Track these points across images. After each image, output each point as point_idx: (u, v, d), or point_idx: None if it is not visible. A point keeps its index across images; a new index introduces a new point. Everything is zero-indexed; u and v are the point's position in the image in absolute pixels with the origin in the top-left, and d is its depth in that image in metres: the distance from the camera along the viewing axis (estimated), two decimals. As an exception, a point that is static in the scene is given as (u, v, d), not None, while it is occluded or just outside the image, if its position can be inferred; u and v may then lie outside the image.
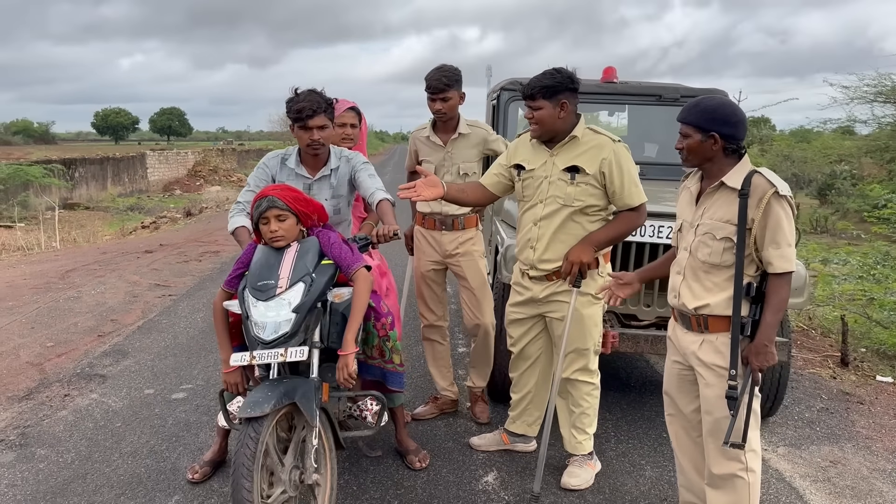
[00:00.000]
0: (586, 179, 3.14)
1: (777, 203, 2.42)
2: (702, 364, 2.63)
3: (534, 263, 3.29)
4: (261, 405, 2.50)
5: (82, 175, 24.60)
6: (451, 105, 3.76)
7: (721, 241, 2.53)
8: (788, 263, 2.43)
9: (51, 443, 3.81)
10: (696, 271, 2.63)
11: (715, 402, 2.59)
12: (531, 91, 3.12)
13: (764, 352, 2.47)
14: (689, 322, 2.67)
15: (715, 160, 2.56)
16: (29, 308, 6.77)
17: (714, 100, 2.56)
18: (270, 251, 2.81)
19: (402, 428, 3.64)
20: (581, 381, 3.40)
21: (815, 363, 5.73)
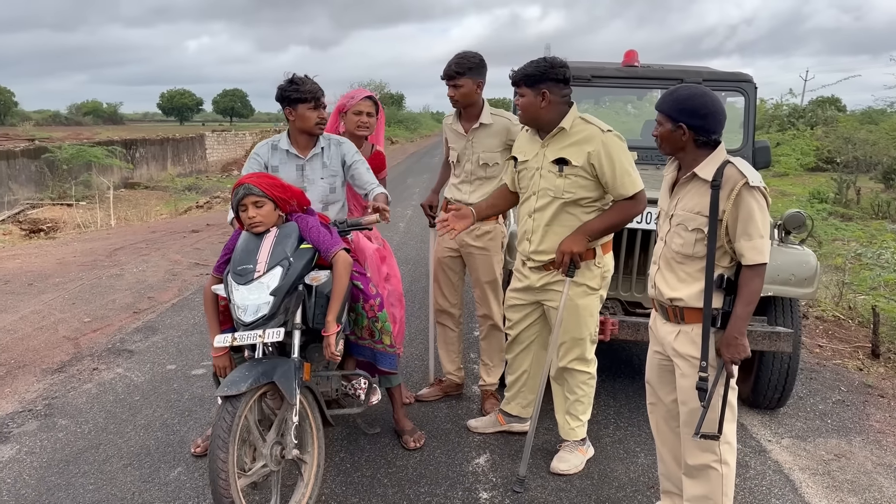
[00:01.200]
0: (575, 171, 3.14)
1: (748, 194, 2.40)
2: (678, 355, 2.64)
3: (529, 255, 3.34)
4: (237, 384, 2.63)
5: (143, 155, 25.41)
6: (462, 93, 3.75)
7: (693, 231, 2.52)
8: (760, 255, 2.42)
9: (72, 414, 4.03)
10: (670, 262, 2.63)
11: (689, 393, 2.60)
12: (515, 78, 3.17)
13: (734, 343, 2.46)
14: (667, 312, 2.68)
15: (687, 150, 2.55)
16: (73, 285, 7.11)
17: (688, 90, 2.53)
18: (251, 237, 2.92)
19: (399, 408, 3.73)
20: (577, 370, 3.42)
21: (844, 354, 5.59)
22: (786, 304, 4.00)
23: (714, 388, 2.52)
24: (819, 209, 12.04)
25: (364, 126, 3.80)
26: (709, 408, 2.51)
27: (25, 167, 18.94)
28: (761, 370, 4.08)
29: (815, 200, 14.22)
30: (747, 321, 2.48)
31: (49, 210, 17.10)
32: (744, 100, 5.05)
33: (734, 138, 5.32)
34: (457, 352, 4.28)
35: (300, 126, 3.43)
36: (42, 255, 8.94)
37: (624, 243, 4.00)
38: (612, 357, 5.12)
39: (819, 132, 21.77)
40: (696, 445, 2.66)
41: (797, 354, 4.00)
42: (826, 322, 6.45)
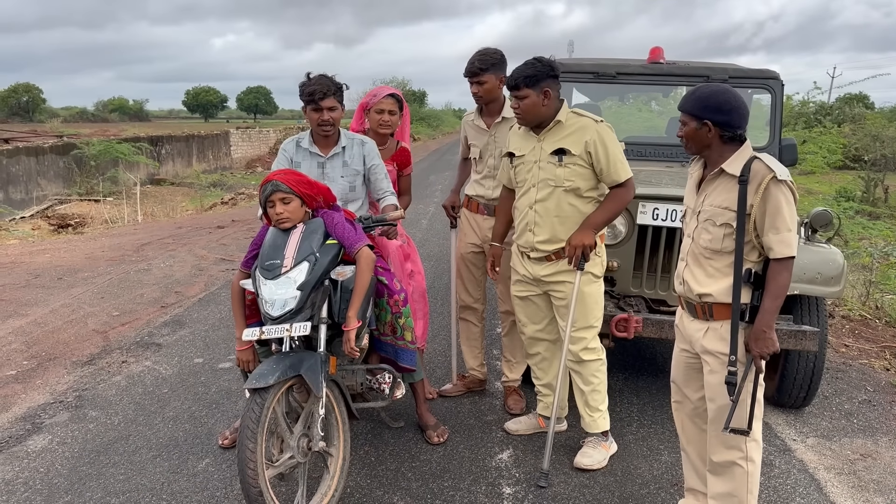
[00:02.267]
0: (573, 160, 3.27)
1: (776, 188, 2.43)
2: (706, 351, 2.65)
3: (534, 245, 3.40)
4: (265, 377, 2.67)
5: (168, 152, 25.70)
6: (486, 89, 3.79)
7: (721, 227, 2.55)
8: (789, 248, 2.44)
9: (102, 405, 4.11)
10: (699, 258, 2.65)
11: (717, 389, 2.62)
12: (515, 81, 3.25)
13: (763, 338, 2.48)
14: (695, 310, 2.69)
15: (713, 147, 2.58)
16: (102, 279, 7.23)
17: (709, 87, 2.58)
18: (278, 233, 2.97)
19: (421, 403, 3.76)
20: (588, 359, 3.46)
21: (871, 354, 5.54)
22: (812, 302, 3.97)
23: (743, 383, 2.53)
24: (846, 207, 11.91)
25: (386, 125, 3.84)
26: (738, 403, 2.53)
27: (54, 163, 19.25)
28: (787, 369, 4.06)
29: (841, 199, 14.06)
30: (775, 315, 2.50)
31: (77, 206, 17.38)
32: (770, 97, 5.01)
33: (761, 135, 5.29)
34: (479, 347, 4.31)
35: (311, 126, 3.51)
36: (71, 250, 9.10)
37: (649, 241, 4.00)
38: (636, 355, 5.11)
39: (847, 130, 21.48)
40: (722, 442, 2.67)
41: (823, 353, 3.97)
42: (853, 321, 6.38)
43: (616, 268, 4.07)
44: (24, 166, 18.13)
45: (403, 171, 3.98)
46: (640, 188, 4.06)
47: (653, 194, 3.96)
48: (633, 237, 4.03)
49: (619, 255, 4.07)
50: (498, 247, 3.70)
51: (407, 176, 4.02)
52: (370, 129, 3.87)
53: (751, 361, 2.53)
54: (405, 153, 4.00)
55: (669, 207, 3.92)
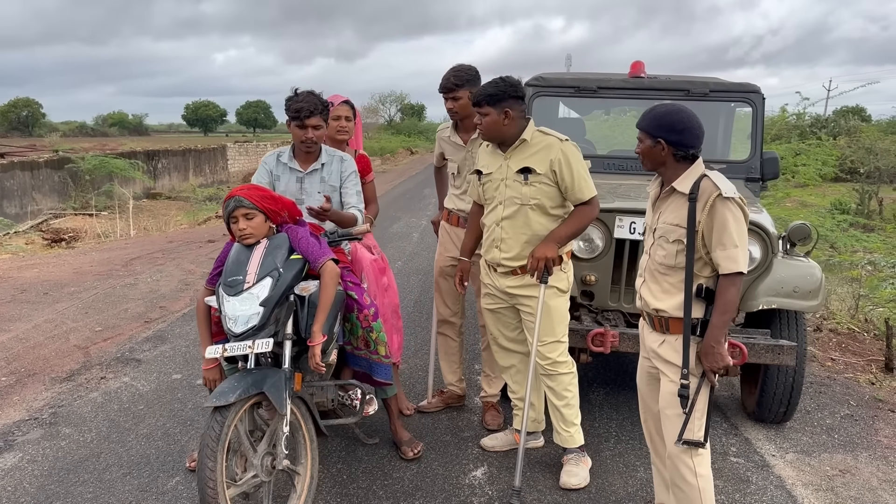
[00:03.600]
0: (538, 179, 3.29)
1: (722, 205, 2.46)
2: (663, 362, 2.68)
3: (500, 261, 3.41)
4: (226, 395, 2.64)
5: (165, 166, 25.70)
6: (461, 104, 3.81)
7: (673, 243, 2.58)
8: (735, 264, 2.46)
9: (76, 422, 4.08)
10: (654, 273, 2.68)
11: (670, 399, 2.63)
12: (477, 99, 3.29)
13: (712, 353, 2.50)
14: (653, 322, 2.71)
15: (668, 165, 2.62)
16: (87, 294, 7.20)
17: (665, 107, 2.62)
18: (242, 248, 2.95)
19: (395, 418, 3.73)
20: (559, 373, 3.44)
21: (857, 367, 5.50)
22: (790, 316, 3.94)
23: (696, 395, 2.55)
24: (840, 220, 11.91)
25: (343, 130, 3.87)
26: (691, 415, 2.55)
27: (49, 177, 19.24)
28: (766, 384, 4.02)
29: (836, 211, 14.04)
30: (724, 330, 2.51)
31: (71, 220, 17.36)
32: (751, 110, 5.01)
33: (742, 149, 5.29)
34: (458, 362, 4.28)
35: (294, 141, 3.50)
36: (60, 265, 9.08)
37: (626, 254, 3.98)
38: (617, 370, 5.08)
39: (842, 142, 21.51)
40: (672, 456, 2.67)
41: (802, 368, 3.94)
42: (840, 335, 6.35)
43: (594, 282, 4.06)
44: (18, 181, 18.13)
45: (366, 178, 3.97)
46: (618, 202, 4.06)
47: (629, 208, 3.95)
48: (611, 251, 4.02)
49: (597, 269, 4.06)
50: (467, 261, 3.70)
51: (370, 183, 4.02)
52: (327, 137, 3.86)
53: (703, 375, 2.56)
54: (364, 160, 4.00)
55: (646, 221, 3.91)
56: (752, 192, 4.75)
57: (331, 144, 3.76)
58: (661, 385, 2.69)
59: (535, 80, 5.19)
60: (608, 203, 4.02)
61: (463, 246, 3.74)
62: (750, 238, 3.84)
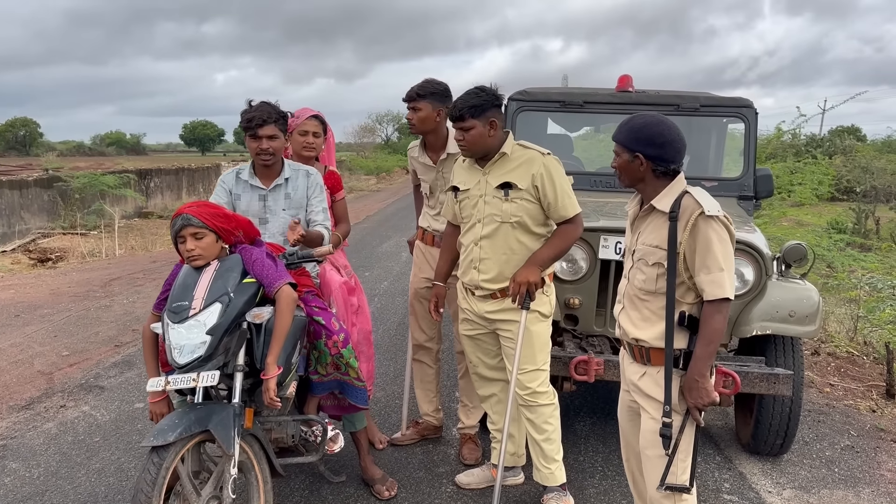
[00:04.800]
0: (520, 195, 3.07)
1: (705, 224, 2.23)
2: (643, 396, 2.43)
3: (478, 283, 3.17)
4: (164, 434, 2.40)
5: (157, 185, 25.48)
6: (420, 117, 3.57)
7: (653, 266, 2.35)
8: (721, 289, 2.23)
9: (25, 456, 3.81)
10: (634, 299, 2.45)
11: (650, 438, 2.38)
12: (460, 112, 3.04)
13: (696, 388, 2.26)
14: (633, 352, 2.47)
15: (646, 181, 2.39)
16: (60, 316, 6.95)
17: (643, 118, 2.38)
18: (190, 271, 2.71)
19: (365, 454, 3.47)
20: (539, 403, 3.19)
21: (857, 393, 5.26)
22: (786, 343, 3.71)
23: (680, 435, 2.30)
24: (837, 239, 11.71)
25: (310, 147, 3.62)
26: (674, 457, 2.30)
27: (38, 196, 19.01)
28: (761, 414, 3.78)
29: (833, 230, 13.87)
30: (709, 362, 2.27)
31: (59, 239, 17.11)
32: (744, 126, 4.81)
33: (734, 166, 5.08)
34: (434, 391, 4.03)
35: (251, 154, 3.27)
36: (38, 286, 8.83)
37: (612, 276, 3.75)
38: (606, 398, 4.82)
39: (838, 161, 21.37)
40: (656, 500, 2.41)
41: (799, 398, 3.70)
42: (839, 358, 6.11)
43: (578, 305, 3.83)
44: (6, 200, 17.89)
45: (336, 196, 3.74)
46: (603, 221, 3.85)
47: (615, 227, 3.74)
48: (596, 272, 3.80)
49: (582, 292, 3.83)
50: (441, 286, 3.45)
51: (341, 201, 3.78)
52: (293, 153, 3.64)
53: (687, 412, 2.31)
54: (335, 177, 3.77)
55: (633, 241, 3.69)
56: (745, 211, 4.54)
57: (296, 161, 3.53)
58: (642, 422, 2.44)
59: (519, 94, 4.99)
60: (593, 222, 3.81)
61: (437, 270, 3.49)
62: (743, 259, 3.62)
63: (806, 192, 13.51)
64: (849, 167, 20.61)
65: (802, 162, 14.40)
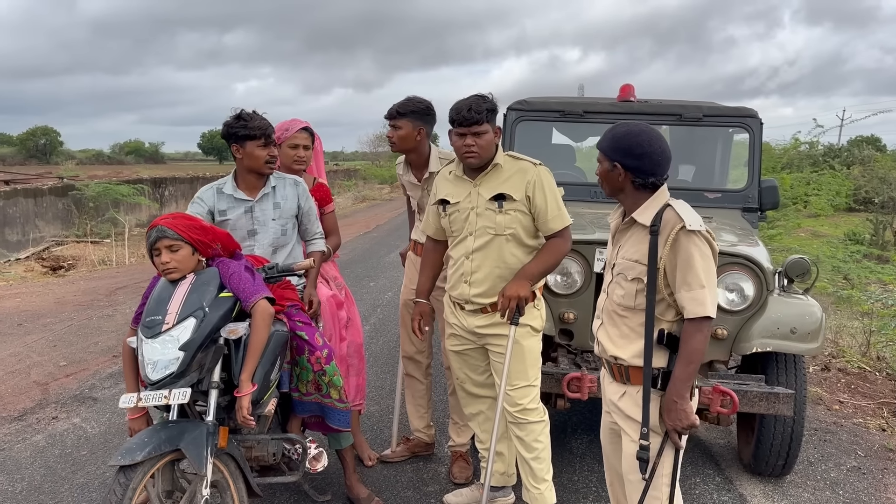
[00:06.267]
0: (514, 206, 2.97)
1: (686, 239, 2.16)
2: (623, 417, 2.36)
3: (469, 298, 3.08)
4: (132, 453, 2.33)
5: (172, 193, 25.61)
6: (400, 135, 3.49)
7: (633, 282, 2.28)
8: (701, 307, 2.15)
9: (10, 470, 3.77)
10: (613, 315, 2.36)
11: (630, 462, 2.30)
12: (477, 116, 2.90)
13: (674, 409, 2.17)
14: (612, 370, 2.38)
15: (626, 192, 2.32)
16: (61, 325, 6.93)
17: (624, 127, 2.30)
18: (166, 284, 2.65)
19: (351, 472, 3.39)
20: (529, 420, 3.08)
21: (867, 411, 5.10)
22: (788, 360, 3.59)
23: (658, 458, 2.21)
24: (853, 251, 11.53)
25: (301, 160, 3.55)
26: (651, 482, 2.21)
27: (52, 205, 19.15)
28: (762, 434, 3.65)
29: (850, 241, 13.65)
30: (689, 383, 2.18)
31: (73, 247, 17.21)
32: (748, 136, 4.70)
33: (739, 177, 4.97)
34: (426, 406, 3.94)
35: (248, 165, 3.19)
36: (43, 294, 8.84)
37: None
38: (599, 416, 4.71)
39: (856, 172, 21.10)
40: None
41: (802, 417, 3.58)
42: (849, 374, 5.94)
43: (573, 319, 3.73)
44: (21, 208, 18.03)
45: (325, 208, 3.67)
46: (599, 233, 3.74)
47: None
48: (591, 286, 3.70)
49: (577, 306, 3.73)
50: (425, 303, 3.34)
51: (330, 213, 3.71)
52: (282, 166, 3.57)
53: (666, 435, 2.22)
54: (324, 189, 3.70)
55: (629, 255, 3.59)
56: (749, 223, 4.42)
57: (285, 173, 3.46)
58: (623, 445, 2.35)
59: (519, 104, 4.91)
60: (588, 234, 3.72)
61: (419, 287, 3.38)
62: (743, 274, 3.52)
63: (822, 202, 13.33)
64: (867, 178, 20.33)
65: (818, 173, 14.19)
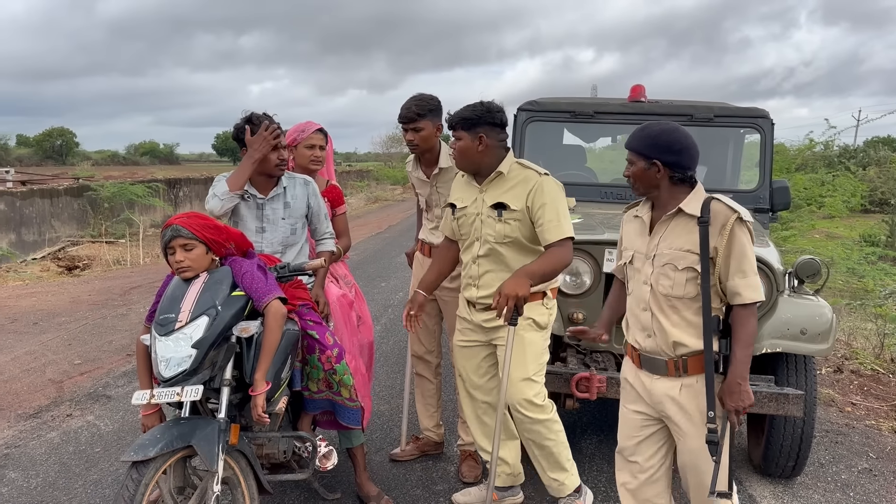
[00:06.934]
0: (513, 216, 3.00)
1: (740, 229, 2.29)
2: (680, 411, 2.38)
3: (476, 301, 3.13)
4: (145, 449, 2.36)
5: (186, 194, 25.76)
6: (423, 136, 3.51)
7: (684, 271, 2.35)
8: (757, 293, 2.29)
9: (26, 466, 3.82)
10: (662, 306, 2.41)
11: (701, 454, 2.35)
12: (452, 122, 3.04)
13: (737, 391, 2.27)
14: (665, 366, 2.41)
15: (662, 188, 2.40)
16: (76, 324, 7.01)
17: (658, 126, 2.40)
18: (179, 283, 2.68)
19: (361, 471, 3.41)
20: (534, 417, 3.06)
21: (880, 413, 5.07)
22: (798, 361, 3.58)
23: (723, 440, 2.30)
24: (868, 252, 11.46)
25: (317, 160, 3.60)
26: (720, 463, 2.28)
27: (68, 205, 19.32)
28: (772, 435, 3.64)
29: (865, 243, 13.55)
30: (748, 365, 2.29)
31: (88, 247, 17.37)
32: (759, 137, 4.69)
33: (751, 178, 4.96)
34: (435, 406, 3.96)
35: (259, 168, 3.21)
36: (59, 293, 8.94)
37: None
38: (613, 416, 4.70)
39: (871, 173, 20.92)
40: None
41: (812, 418, 3.57)
42: (863, 376, 5.91)
43: (582, 320, 3.74)
44: (37, 208, 18.21)
45: (337, 210, 3.70)
46: (608, 234, 3.75)
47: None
48: (600, 287, 3.71)
49: (586, 307, 3.74)
50: (422, 294, 3.31)
51: (341, 216, 3.74)
52: (297, 167, 3.60)
53: (726, 417, 2.31)
54: (336, 191, 3.73)
55: (639, 255, 3.59)
56: (760, 224, 4.41)
57: (302, 174, 3.50)
58: (684, 440, 2.39)
59: (529, 104, 4.93)
60: (598, 234, 3.73)
61: (424, 279, 3.38)
62: None
63: (836, 203, 13.24)
64: (883, 178, 20.17)
65: (832, 174, 14.09)
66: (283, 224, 3.30)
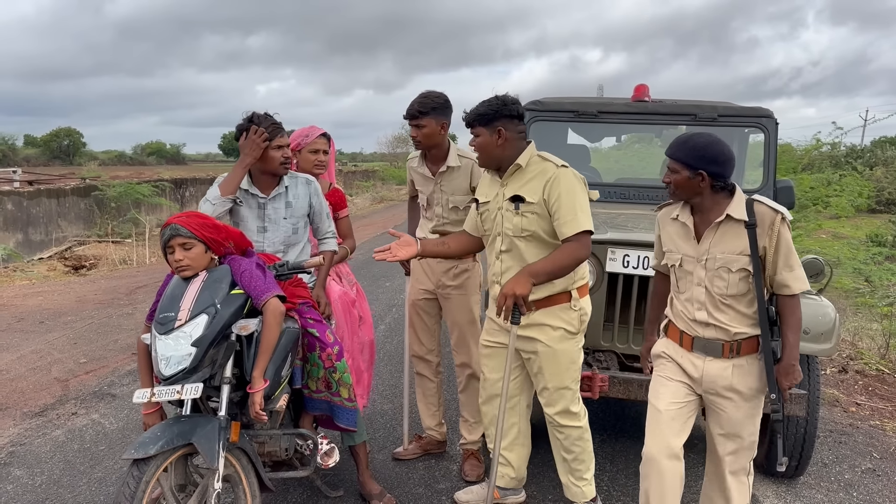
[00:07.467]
0: (531, 209, 2.97)
1: (784, 228, 2.52)
2: (733, 390, 2.63)
3: None
4: (146, 446, 2.38)
5: (192, 194, 25.82)
6: (425, 133, 3.52)
7: (737, 272, 2.56)
8: (804, 283, 2.53)
9: (31, 463, 3.84)
10: (718, 305, 2.62)
11: (744, 424, 2.66)
12: (469, 119, 3.04)
13: (792, 371, 2.56)
14: (721, 349, 2.63)
15: (704, 196, 2.60)
16: (82, 324, 7.04)
17: (704, 138, 2.57)
18: (178, 282, 2.69)
19: (363, 468, 3.42)
20: (567, 425, 3.10)
21: (884, 413, 5.06)
22: (801, 361, 3.57)
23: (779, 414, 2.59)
24: (875, 252, 11.42)
25: (321, 165, 3.61)
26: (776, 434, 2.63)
27: (75, 205, 19.40)
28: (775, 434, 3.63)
29: (872, 243, 13.50)
30: (798, 347, 2.58)
31: (94, 247, 17.44)
32: (763, 136, 4.68)
33: (755, 177, 4.94)
34: (437, 405, 3.96)
35: (262, 167, 3.22)
36: (65, 293, 8.97)
37: (620, 290, 3.66)
38: (618, 414, 4.72)
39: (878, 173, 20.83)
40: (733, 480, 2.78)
41: (815, 418, 3.56)
42: (867, 377, 5.89)
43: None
44: (44, 208, 18.29)
45: (340, 213, 3.71)
46: (611, 233, 3.74)
47: (623, 240, 3.64)
48: (603, 286, 3.70)
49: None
50: (414, 240, 3.28)
51: (345, 218, 3.75)
52: (300, 171, 3.61)
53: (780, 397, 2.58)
54: (339, 194, 3.75)
55: (642, 254, 3.59)
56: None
57: None
58: (730, 412, 2.64)
59: (533, 104, 4.92)
60: (601, 234, 3.72)
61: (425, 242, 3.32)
62: None
63: (843, 203, 13.18)
64: (890, 178, 20.09)
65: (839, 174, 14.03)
66: (284, 223, 3.31)
